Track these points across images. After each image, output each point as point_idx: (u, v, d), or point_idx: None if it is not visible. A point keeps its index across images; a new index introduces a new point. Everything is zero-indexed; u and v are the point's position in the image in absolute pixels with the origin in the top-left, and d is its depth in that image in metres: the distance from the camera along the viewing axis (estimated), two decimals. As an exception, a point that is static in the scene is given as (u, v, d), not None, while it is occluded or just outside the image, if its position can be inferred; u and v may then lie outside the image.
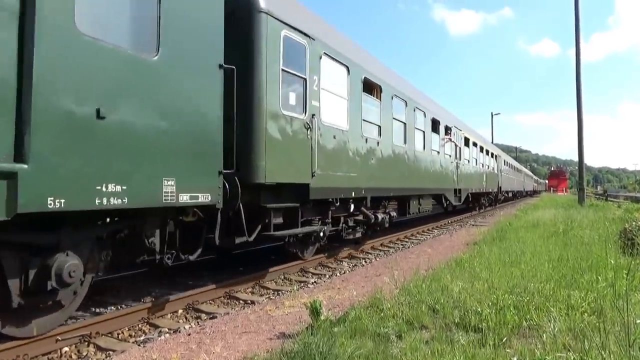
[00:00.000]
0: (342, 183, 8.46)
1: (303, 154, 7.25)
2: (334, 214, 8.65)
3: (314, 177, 7.40)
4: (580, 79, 23.48)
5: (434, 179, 14.69)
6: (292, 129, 7.00)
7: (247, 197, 6.23)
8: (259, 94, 6.33)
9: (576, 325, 3.98)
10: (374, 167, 9.91)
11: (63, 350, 4.41)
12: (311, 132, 7.44)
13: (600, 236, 9.78)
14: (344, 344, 3.65)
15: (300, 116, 7.27)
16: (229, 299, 6.45)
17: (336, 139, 8.31)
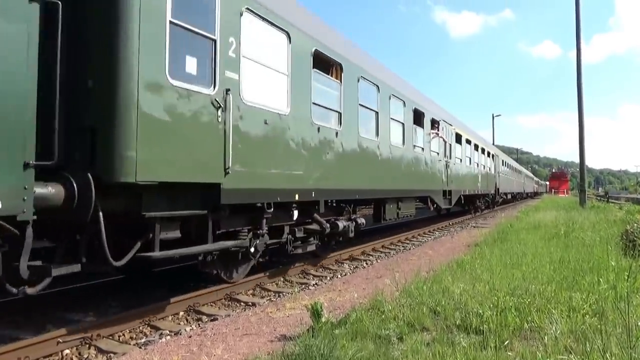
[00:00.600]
0: (279, 183, 6.60)
1: (209, 142, 5.30)
2: (272, 223, 6.85)
3: (228, 174, 5.52)
4: (581, 80, 23.47)
5: (417, 179, 12.90)
6: (190, 108, 5.04)
7: (115, 203, 4.61)
8: (125, 53, 4.38)
9: (577, 327, 3.97)
10: (331, 164, 8.05)
11: (64, 352, 4.41)
12: (224, 113, 5.52)
13: (601, 238, 9.77)
14: (345, 346, 3.65)
15: (206, 90, 5.30)
16: (229, 300, 6.45)
17: (269, 125, 6.39)
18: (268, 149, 6.43)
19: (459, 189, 17.76)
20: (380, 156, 10.30)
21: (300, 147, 7.20)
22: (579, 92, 23.54)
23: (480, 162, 23.33)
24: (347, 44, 9.71)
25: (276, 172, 6.56)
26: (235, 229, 6.21)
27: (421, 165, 13.35)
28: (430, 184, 14.12)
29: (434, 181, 14.54)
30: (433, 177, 14.52)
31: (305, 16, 7.95)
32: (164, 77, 4.74)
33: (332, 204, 8.71)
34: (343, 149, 8.54)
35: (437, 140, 15.06)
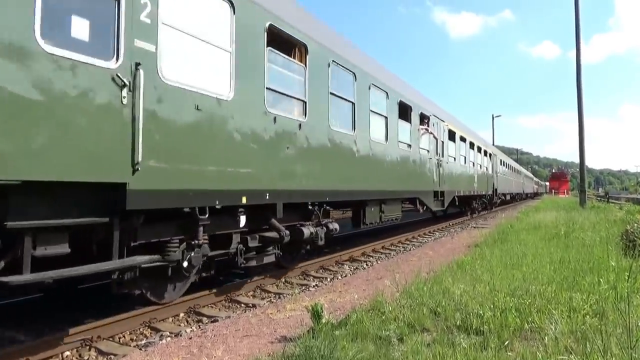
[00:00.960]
0: (219, 183, 5.43)
1: (108, 131, 4.16)
2: (214, 231, 5.78)
3: (137, 172, 4.36)
4: (580, 81, 23.48)
5: (403, 178, 11.65)
6: (78, 84, 3.93)
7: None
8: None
9: (578, 327, 3.97)
10: (292, 161, 6.86)
11: (64, 354, 4.41)
12: (132, 93, 4.36)
13: (601, 238, 9.77)
14: (345, 347, 3.64)
15: (103, 63, 4.17)
16: (230, 302, 6.45)
17: (203, 112, 5.21)
18: (201, 142, 5.17)
19: (453, 189, 16.63)
20: (357, 153, 9.06)
21: (249, 140, 5.97)
22: (578, 93, 23.55)
23: (476, 161, 21.99)
24: (315, 23, 8.34)
25: (214, 170, 5.34)
26: (160, 240, 5.08)
27: (408, 164, 12.12)
28: (418, 184, 12.92)
29: (423, 181, 13.34)
30: (422, 176, 13.34)
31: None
32: (31, 39, 3.62)
33: (303, 207, 7.76)
34: (309, 144, 7.28)
35: (427, 136, 13.91)
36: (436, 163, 14.66)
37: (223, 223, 5.91)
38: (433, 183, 14.22)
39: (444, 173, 15.44)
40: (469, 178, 20.10)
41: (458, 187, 17.52)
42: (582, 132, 23.74)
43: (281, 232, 6.81)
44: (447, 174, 16.00)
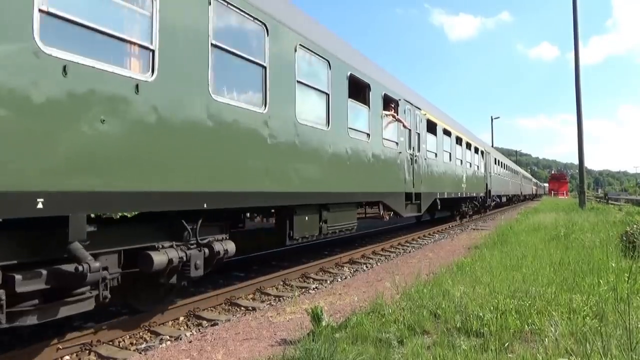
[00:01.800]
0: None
1: None
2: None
3: None
4: (579, 82, 23.55)
5: (357, 177, 9.06)
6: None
7: None
8: None
9: (578, 329, 3.97)
10: (114, 146, 4.13)
11: (64, 358, 4.40)
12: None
13: (601, 239, 9.77)
14: (345, 350, 3.64)
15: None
16: (230, 305, 6.44)
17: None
18: None
19: (434, 190, 14.19)
20: (272, 139, 6.36)
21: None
22: (577, 95, 23.61)
23: (465, 159, 19.42)
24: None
25: None
26: None
27: (364, 158, 9.39)
28: (381, 184, 10.19)
29: (388, 181, 10.64)
30: (387, 175, 10.57)
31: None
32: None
33: (165, 220, 5.07)
34: (159, 120, 4.58)
35: (394, 125, 11.14)
36: (409, 159, 11.96)
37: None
38: (404, 183, 11.53)
39: (420, 171, 12.88)
40: (456, 178, 17.64)
41: (441, 188, 15.13)
42: (581, 134, 23.78)
43: (81, 264, 3.92)
44: (426, 172, 13.45)
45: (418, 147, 12.92)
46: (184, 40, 5.02)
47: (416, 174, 12.52)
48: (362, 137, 9.46)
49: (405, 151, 11.79)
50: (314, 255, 10.72)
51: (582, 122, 23.68)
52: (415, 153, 12.54)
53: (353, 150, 8.91)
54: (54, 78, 3.66)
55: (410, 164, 12.10)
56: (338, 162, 8.32)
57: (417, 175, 12.64)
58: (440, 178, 15.36)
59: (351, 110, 9.00)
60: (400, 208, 11.24)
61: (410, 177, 12.07)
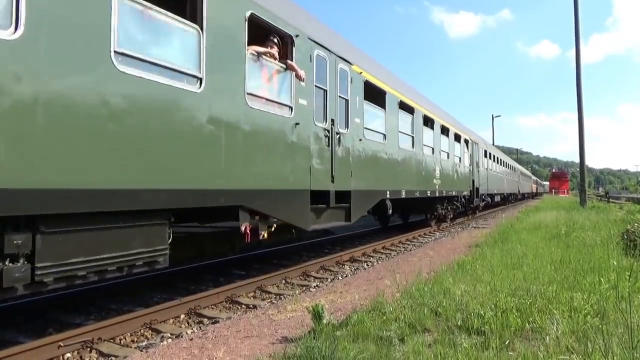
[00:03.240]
0: None
1: None
2: None
3: None
4: (580, 80, 23.49)
5: (161, 162, 4.69)
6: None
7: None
8: None
9: (579, 327, 3.97)
10: None
11: (65, 356, 4.40)
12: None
13: (602, 238, 9.77)
14: (346, 348, 3.64)
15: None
16: (230, 303, 6.45)
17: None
18: None
19: (379, 188, 10.24)
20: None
21: None
22: (578, 93, 23.56)
23: (440, 147, 15.41)
24: None
25: None
26: None
27: (186, 126, 5.05)
28: (242, 174, 5.92)
29: (260, 169, 6.29)
30: (258, 159, 6.25)
31: None
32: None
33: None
34: None
35: (283, 78, 6.94)
36: (321, 137, 7.82)
37: None
38: (308, 175, 7.34)
39: (351, 159, 8.84)
40: (424, 171, 13.59)
41: (394, 184, 11.09)
42: (582, 132, 23.74)
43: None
44: (363, 161, 9.44)
45: (346, 122, 8.73)
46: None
47: (341, 163, 8.37)
48: (189, 89, 5.08)
49: (311, 124, 7.50)
50: (314, 253, 10.73)
51: (583, 121, 23.63)
52: (338, 129, 8.30)
53: (149, 107, 4.54)
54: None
55: (326, 145, 7.91)
56: (126, 132, 4.29)
57: (343, 164, 8.49)
58: (395, 170, 11.22)
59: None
60: (298, 216, 7.08)
61: (324, 165, 7.84)
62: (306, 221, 7.37)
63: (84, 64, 3.89)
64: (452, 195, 17.07)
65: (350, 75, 9.05)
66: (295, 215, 7.10)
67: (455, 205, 18.26)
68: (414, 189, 12.51)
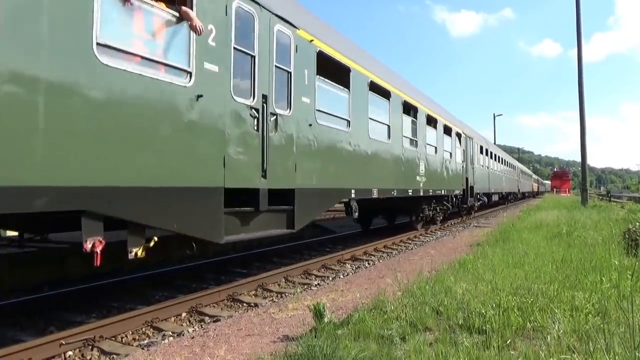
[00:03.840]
0: None
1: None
2: None
3: None
4: (582, 79, 23.41)
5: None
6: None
7: None
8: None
9: (580, 326, 3.97)
10: None
11: (67, 354, 4.42)
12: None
13: (603, 237, 9.75)
14: (347, 347, 3.64)
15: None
16: (232, 301, 6.46)
17: None
18: None
19: (341, 186, 8.52)
20: None
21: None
22: (580, 92, 23.48)
23: (425, 139, 13.72)
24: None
25: None
26: None
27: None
28: (96, 168, 4.07)
29: (139, 163, 4.51)
30: (138, 145, 4.50)
31: None
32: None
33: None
34: None
35: (181, 30, 5.06)
36: (252, 121, 6.09)
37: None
38: (221, 169, 5.56)
39: (295, 148, 7.03)
40: (406, 167, 11.92)
41: (362, 181, 9.41)
42: (584, 131, 23.67)
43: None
44: (315, 152, 7.64)
45: (288, 101, 6.93)
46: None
47: (278, 153, 6.56)
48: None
49: (226, 99, 5.63)
50: (315, 252, 10.74)
51: (585, 120, 23.55)
52: (274, 109, 6.49)
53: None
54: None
55: (253, 128, 6.08)
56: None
57: (282, 154, 6.68)
58: (363, 165, 9.50)
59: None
60: (199, 225, 5.22)
61: (250, 156, 6.00)
62: (216, 230, 5.42)
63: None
64: (441, 195, 15.46)
65: (294, 42, 7.16)
66: (195, 222, 5.15)
67: (446, 206, 16.62)
68: (389, 187, 10.80)
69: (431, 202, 15.12)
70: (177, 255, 6.43)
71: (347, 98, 8.99)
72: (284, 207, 6.80)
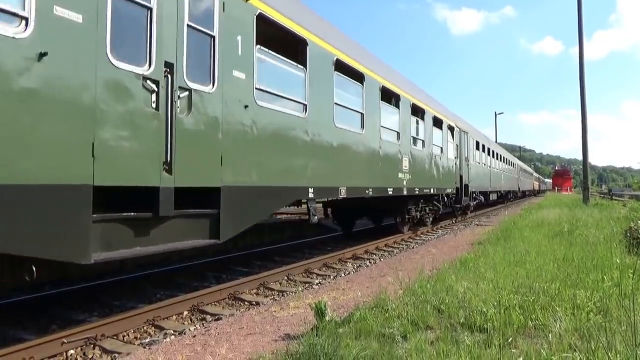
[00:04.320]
0: None
1: None
2: None
3: None
4: (583, 77, 23.36)
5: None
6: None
7: None
8: None
9: (582, 325, 3.96)
10: None
11: (69, 352, 4.43)
12: None
13: (605, 235, 9.74)
14: (349, 345, 3.64)
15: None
16: (233, 300, 6.46)
17: None
18: None
19: (294, 184, 7.16)
20: None
21: None
22: (581, 90, 23.42)
23: (409, 132, 12.21)
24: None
25: None
26: None
27: None
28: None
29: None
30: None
31: None
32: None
33: None
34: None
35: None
36: (147, 96, 4.63)
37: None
38: (89, 159, 4.00)
39: (229, 136, 5.75)
40: (385, 163, 10.52)
41: (325, 178, 8.03)
42: (585, 130, 23.62)
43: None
44: (255, 141, 6.23)
45: (212, 74, 5.51)
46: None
47: (194, 140, 5.19)
48: None
49: (96, 60, 4.11)
50: (317, 250, 10.74)
51: (586, 118, 23.49)
52: (186, 83, 5.11)
53: None
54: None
55: (150, 106, 4.69)
56: None
57: (200, 142, 5.30)
58: (327, 159, 8.05)
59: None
60: (47, 240, 3.69)
61: (144, 142, 4.61)
62: (77, 246, 3.90)
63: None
64: (430, 194, 13.88)
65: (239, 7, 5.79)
66: (36, 236, 3.61)
67: (436, 206, 14.97)
68: (363, 185, 9.31)
69: (418, 201, 13.84)
70: (7, 284, 4.56)
71: (302, 77, 7.46)
72: (204, 211, 5.34)
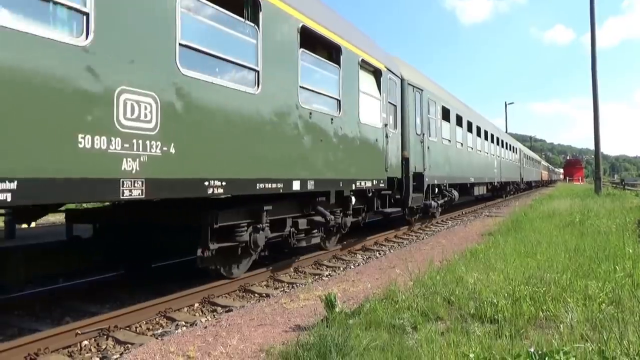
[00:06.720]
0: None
1: None
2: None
3: None
4: (595, 66, 23.01)
5: None
6: None
7: None
8: None
9: (594, 315, 3.94)
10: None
11: (83, 343, 4.49)
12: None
13: (617, 225, 9.64)
14: (359, 336, 3.66)
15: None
16: (244, 292, 6.50)
17: None
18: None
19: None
20: None
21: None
22: (593, 79, 23.09)
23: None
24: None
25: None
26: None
27: None
28: None
29: None
30: None
31: None
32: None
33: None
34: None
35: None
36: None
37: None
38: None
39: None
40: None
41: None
42: (598, 119, 23.31)
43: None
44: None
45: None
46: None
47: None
48: None
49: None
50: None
51: (598, 107, 23.18)
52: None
53: None
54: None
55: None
56: None
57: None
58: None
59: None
60: None
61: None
62: None
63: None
64: (304, 192, 7.14)
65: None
66: None
67: (322, 220, 7.82)
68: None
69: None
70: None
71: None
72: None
